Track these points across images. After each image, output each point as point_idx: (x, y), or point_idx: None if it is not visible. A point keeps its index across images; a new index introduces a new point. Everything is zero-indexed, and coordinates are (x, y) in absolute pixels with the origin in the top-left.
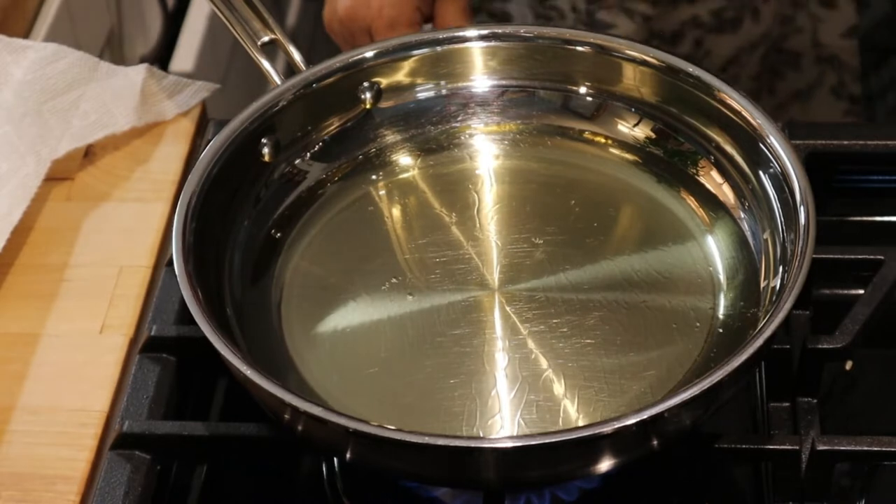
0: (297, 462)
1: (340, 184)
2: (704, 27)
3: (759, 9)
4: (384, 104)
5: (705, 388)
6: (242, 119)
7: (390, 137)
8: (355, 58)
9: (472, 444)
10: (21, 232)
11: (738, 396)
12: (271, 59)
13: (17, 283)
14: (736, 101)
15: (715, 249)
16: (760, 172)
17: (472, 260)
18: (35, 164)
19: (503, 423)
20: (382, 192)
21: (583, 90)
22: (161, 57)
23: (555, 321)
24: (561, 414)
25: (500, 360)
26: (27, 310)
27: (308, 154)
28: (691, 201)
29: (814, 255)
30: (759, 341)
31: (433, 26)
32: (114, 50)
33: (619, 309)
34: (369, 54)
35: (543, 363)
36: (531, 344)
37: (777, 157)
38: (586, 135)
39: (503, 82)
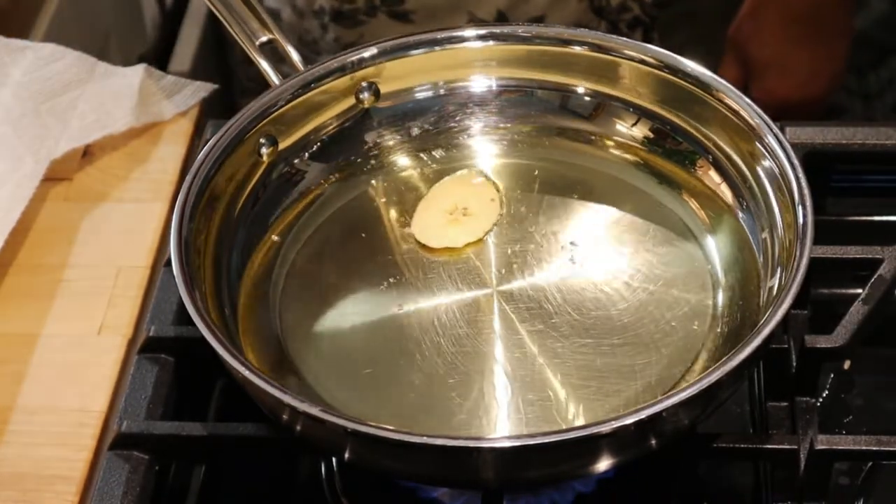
0: (295, 462)
1: (339, 183)
2: None
3: None
4: (382, 104)
5: (704, 387)
6: (240, 119)
7: (388, 137)
8: (353, 58)
9: (471, 444)
10: (19, 232)
11: (737, 396)
12: (269, 60)
13: (16, 283)
14: (734, 100)
15: (713, 249)
16: (759, 172)
17: (469, 259)
18: (33, 164)
19: (501, 422)
20: (381, 192)
21: (581, 90)
22: (159, 57)
23: (553, 321)
24: (559, 413)
25: (499, 359)
26: (25, 310)
27: (306, 154)
28: (690, 201)
29: (812, 255)
30: (758, 341)
31: None
32: (112, 50)
33: (617, 308)
34: (367, 54)
35: (542, 363)
36: (529, 343)
37: (775, 157)
38: (584, 134)
39: (501, 82)
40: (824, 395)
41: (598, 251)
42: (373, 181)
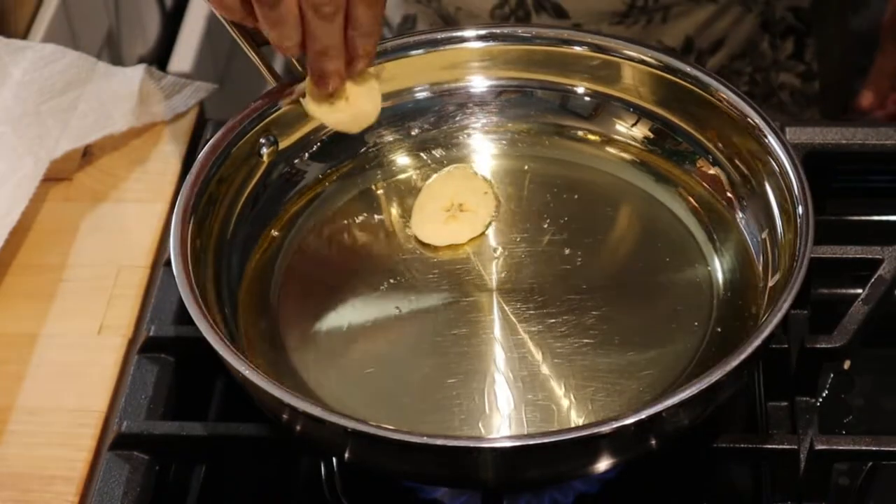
0: (295, 462)
1: (338, 184)
2: None
3: None
4: (382, 104)
5: (704, 387)
6: (240, 119)
7: (388, 137)
8: None
9: (471, 444)
10: (19, 232)
11: (737, 396)
12: (269, 60)
13: (16, 283)
14: (734, 100)
15: (713, 249)
16: (759, 172)
17: (469, 260)
18: (33, 164)
19: (501, 422)
20: (380, 192)
21: (581, 90)
22: (159, 57)
23: (553, 321)
24: (559, 414)
25: (499, 359)
26: (25, 310)
27: (306, 154)
28: (689, 201)
29: (812, 255)
30: (758, 341)
31: None
32: (112, 50)
33: (617, 308)
34: None
35: (541, 363)
36: (529, 344)
37: (775, 157)
38: (584, 134)
39: (501, 82)
40: (824, 395)
41: (597, 251)
42: (373, 181)
